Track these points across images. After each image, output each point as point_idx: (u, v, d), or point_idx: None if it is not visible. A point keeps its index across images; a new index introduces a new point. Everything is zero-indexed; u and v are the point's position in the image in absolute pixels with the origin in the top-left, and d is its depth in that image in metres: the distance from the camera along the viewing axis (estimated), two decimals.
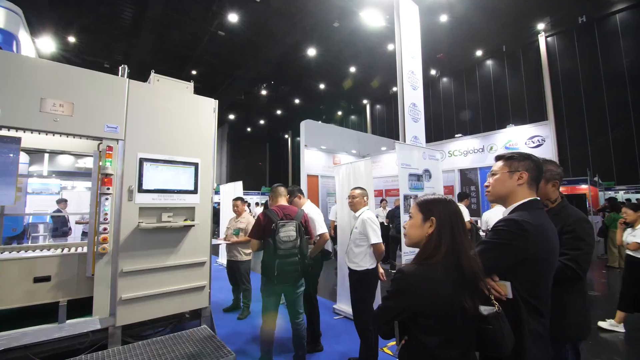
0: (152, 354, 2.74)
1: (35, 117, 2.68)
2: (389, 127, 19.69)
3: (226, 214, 7.85)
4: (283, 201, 3.13)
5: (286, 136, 26.83)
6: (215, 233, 3.85)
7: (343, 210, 4.69)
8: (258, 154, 28.06)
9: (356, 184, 4.13)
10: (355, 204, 3.27)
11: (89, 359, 2.64)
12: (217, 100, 3.76)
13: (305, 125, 8.79)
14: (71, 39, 13.04)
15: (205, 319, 3.56)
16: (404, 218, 4.20)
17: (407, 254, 4.08)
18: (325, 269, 4.07)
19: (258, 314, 4.48)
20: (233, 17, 11.94)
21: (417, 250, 1.38)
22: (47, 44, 12.15)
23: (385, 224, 7.43)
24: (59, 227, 7.50)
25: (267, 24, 12.79)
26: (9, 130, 2.71)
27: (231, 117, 23.81)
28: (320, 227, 3.54)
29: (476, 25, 12.77)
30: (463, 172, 9.49)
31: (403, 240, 4.02)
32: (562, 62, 13.58)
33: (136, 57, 14.29)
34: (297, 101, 21.26)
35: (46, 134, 2.87)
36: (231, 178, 21.89)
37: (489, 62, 15.87)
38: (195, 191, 3.39)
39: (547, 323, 1.42)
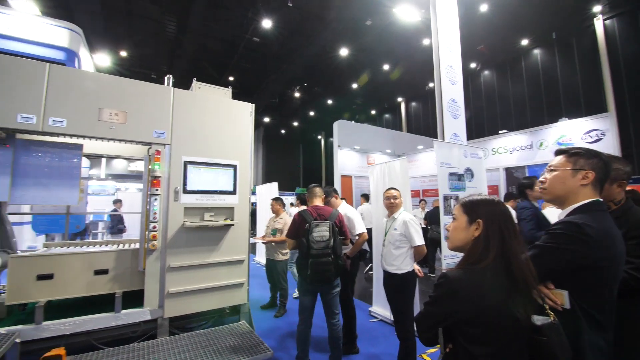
0: (196, 346, 2.90)
1: (94, 125, 2.97)
2: (425, 125, 18.99)
3: (262, 214, 8.10)
4: (318, 202, 3.15)
5: (319, 137, 27.01)
6: (251, 232, 4.01)
7: (377, 211, 4.61)
8: (292, 155, 28.58)
9: (391, 184, 4.03)
10: (397, 205, 3.21)
11: (141, 347, 2.87)
12: (253, 105, 3.90)
13: (339, 126, 8.78)
14: (123, 53, 14.27)
15: (244, 315, 3.69)
16: (445, 220, 4.02)
17: (448, 258, 3.90)
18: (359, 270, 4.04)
19: (294, 313, 4.58)
20: (267, 23, 12.29)
21: (459, 253, 1.31)
22: (103, 58, 13.43)
23: (423, 225, 7.18)
24: (115, 224, 8.23)
25: (299, 27, 12.99)
26: (71, 138, 3.04)
27: (266, 119, 24.51)
28: (359, 227, 3.53)
29: (521, 12, 11.85)
30: (509, 171, 8.86)
31: (444, 243, 3.86)
32: (624, 47, 12.13)
33: (179, 67, 15.27)
34: (329, 102, 21.34)
35: (103, 141, 3.17)
36: (266, 179, 22.50)
37: (537, 52, 14.66)
38: (234, 192, 3.55)
39: (611, 339, 1.26)
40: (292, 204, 8.24)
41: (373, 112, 23.22)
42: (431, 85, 17.44)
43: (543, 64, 14.56)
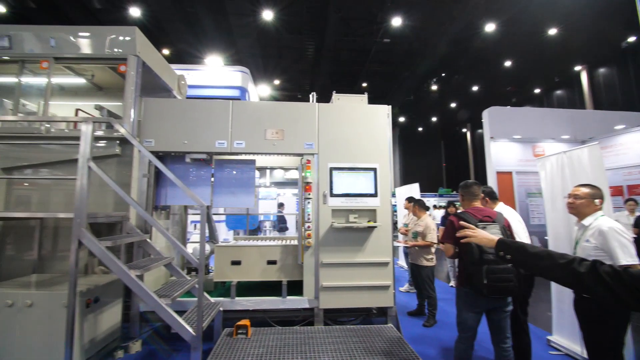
0: (347, 340, 3.09)
1: (262, 143, 3.68)
2: (625, 97, 13.70)
3: (402, 217, 7.89)
4: (478, 203, 2.73)
5: (464, 130, 24.09)
6: (394, 235, 3.95)
7: (556, 215, 3.64)
8: (432, 154, 26.67)
9: (575, 180, 3.10)
10: (577, 207, 2.41)
11: (302, 331, 3.30)
12: (390, 106, 3.88)
13: (490, 114, 7.54)
14: (276, 82, 17.30)
15: (391, 319, 3.67)
16: None
17: None
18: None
19: (446, 325, 4.18)
20: (396, 21, 12.05)
21: None
22: (263, 89, 16.70)
23: (634, 235, 5.13)
24: (279, 223, 9.94)
25: (431, 15, 12.09)
26: (247, 155, 3.86)
27: (401, 119, 23.99)
28: (522, 238, 2.89)
29: None
30: None
31: None
32: None
33: (319, 83, 17.13)
34: (474, 89, 18.74)
35: (267, 155, 3.88)
36: (405, 181, 21.92)
37: None
38: (375, 194, 3.61)
39: None
40: (435, 207, 7.63)
41: (536, 91, 18.71)
42: (631, 39, 12.55)
43: None
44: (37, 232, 3.33)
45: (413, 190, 7.58)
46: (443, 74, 17.49)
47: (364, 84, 17.66)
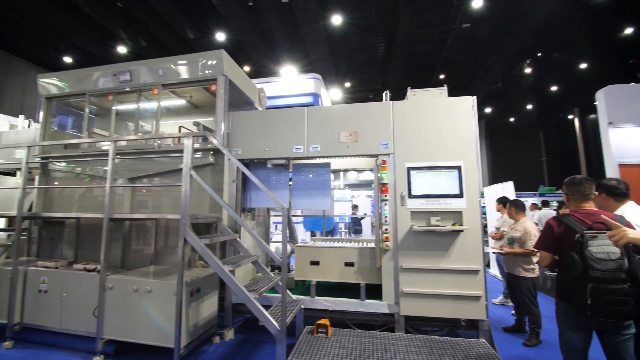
0: (432, 351, 2.86)
1: (336, 146, 3.72)
2: None
3: (492, 221, 7.01)
4: (590, 204, 2.22)
5: (570, 116, 20.24)
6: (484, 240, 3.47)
7: None
8: (527, 147, 23.07)
9: None
10: None
11: (382, 336, 3.19)
12: (474, 97, 3.49)
13: (606, 95, 6.16)
14: (347, 84, 17.36)
15: (484, 333, 3.28)
16: None
17: None
18: None
19: (553, 347, 3.53)
20: (477, 2, 10.86)
21: None
22: (335, 92, 16.93)
23: None
24: (354, 225, 9.93)
25: None
26: (322, 158, 3.94)
27: (487, 110, 21.47)
28: None
29: None
30: None
31: None
32: None
33: (391, 81, 16.56)
34: (582, 66, 15.59)
35: (341, 157, 3.89)
36: (494, 179, 19.55)
37: None
38: (460, 195, 3.28)
39: None
40: (536, 206, 6.49)
41: None
42: None
43: None
44: (153, 231, 4.01)
45: (506, 189, 6.68)
46: (539, 53, 15.05)
47: (441, 76, 16.41)
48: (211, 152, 3.93)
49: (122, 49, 12.70)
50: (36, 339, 3.51)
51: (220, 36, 11.93)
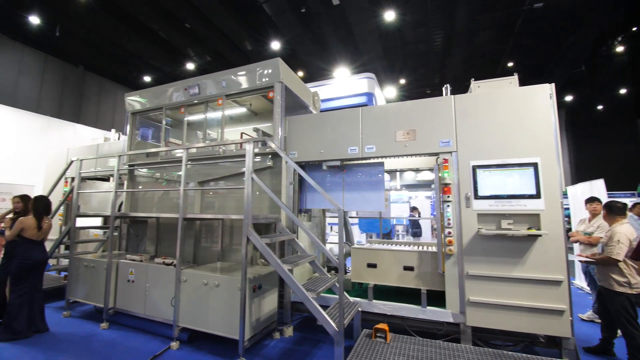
0: None
1: (392, 146, 3.60)
2: None
3: (578, 223, 6.08)
4: None
5: None
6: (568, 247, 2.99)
7: None
8: (621, 138, 19.57)
9: None
10: None
11: (446, 347, 2.97)
12: (552, 84, 3.08)
13: None
14: (402, 81, 16.71)
15: (569, 353, 2.87)
16: None
17: None
18: None
19: None
20: None
21: None
22: (390, 90, 16.43)
23: None
24: (412, 228, 9.51)
25: None
26: (377, 158, 3.84)
27: (567, 98, 18.79)
28: None
29: None
30: None
31: None
32: None
33: (450, 75, 15.48)
34: None
35: (397, 157, 3.75)
36: (578, 177, 17.05)
37: None
38: (537, 195, 2.92)
39: None
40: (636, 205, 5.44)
41: None
42: None
43: None
44: (219, 230, 4.34)
45: (594, 188, 5.77)
46: (634, 28, 12.71)
47: (510, 64, 14.86)
48: (270, 156, 4.12)
49: (190, 65, 14.22)
50: (125, 322, 4.05)
51: (275, 45, 12.49)
